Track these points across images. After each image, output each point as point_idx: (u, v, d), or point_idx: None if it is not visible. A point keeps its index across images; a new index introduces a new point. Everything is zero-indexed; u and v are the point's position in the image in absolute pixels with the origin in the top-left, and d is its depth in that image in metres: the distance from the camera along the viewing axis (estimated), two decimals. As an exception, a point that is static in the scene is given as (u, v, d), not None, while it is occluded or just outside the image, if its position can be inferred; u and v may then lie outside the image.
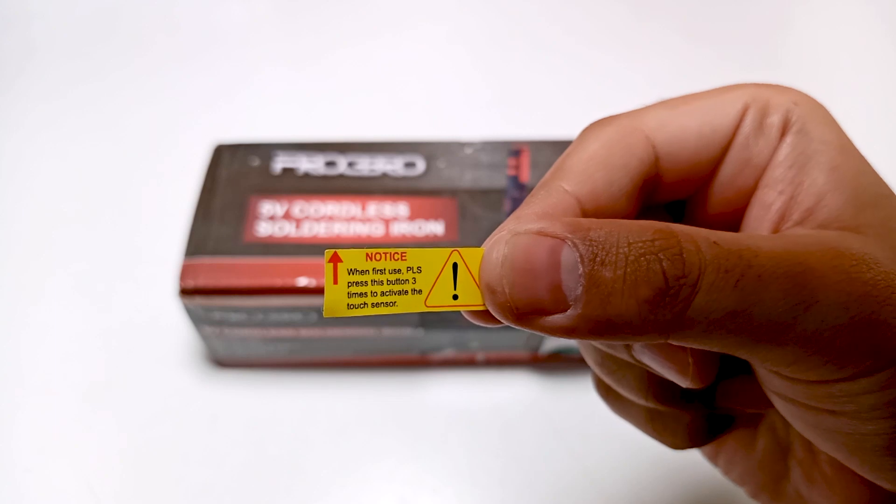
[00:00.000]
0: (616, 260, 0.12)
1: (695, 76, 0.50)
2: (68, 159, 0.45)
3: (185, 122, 0.47)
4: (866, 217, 0.15)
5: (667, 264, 0.12)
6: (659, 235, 0.13)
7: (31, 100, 0.49)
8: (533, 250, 0.13)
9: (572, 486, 0.32)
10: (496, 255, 0.14)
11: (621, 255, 0.12)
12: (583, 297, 0.13)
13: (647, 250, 0.12)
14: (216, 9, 0.56)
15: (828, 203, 0.15)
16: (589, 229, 0.13)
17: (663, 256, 0.12)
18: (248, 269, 0.29)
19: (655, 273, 0.12)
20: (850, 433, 0.14)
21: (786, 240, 0.14)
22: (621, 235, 0.13)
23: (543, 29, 0.55)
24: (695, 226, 0.14)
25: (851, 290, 0.13)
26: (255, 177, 0.32)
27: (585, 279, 0.13)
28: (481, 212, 0.31)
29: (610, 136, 0.16)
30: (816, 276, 0.13)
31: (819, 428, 0.15)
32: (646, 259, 0.12)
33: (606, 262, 0.12)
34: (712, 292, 0.12)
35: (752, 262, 0.12)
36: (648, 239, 0.13)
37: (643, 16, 0.56)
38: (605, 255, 0.12)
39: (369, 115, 0.48)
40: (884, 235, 0.14)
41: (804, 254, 0.13)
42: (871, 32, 0.55)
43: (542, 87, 0.50)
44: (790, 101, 0.17)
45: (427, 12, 0.56)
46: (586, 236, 0.13)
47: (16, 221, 0.42)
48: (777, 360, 0.13)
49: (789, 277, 0.12)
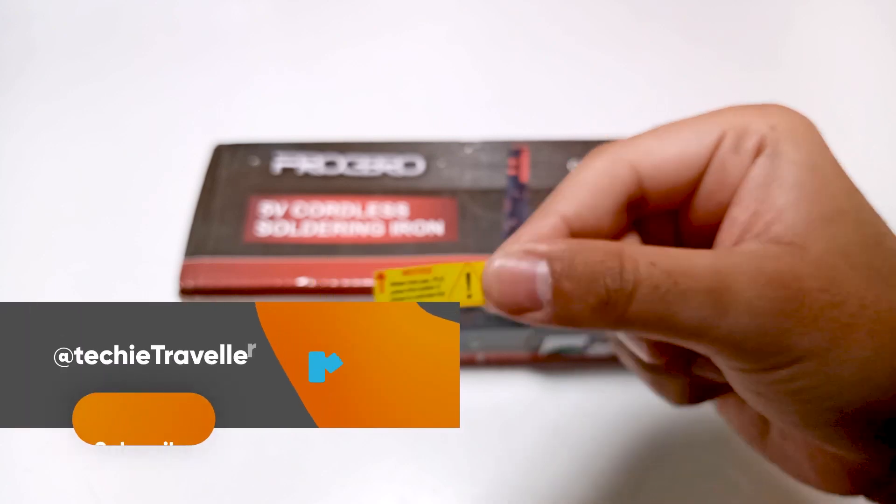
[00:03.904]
0: (574, 275, 0.17)
1: (694, 76, 0.51)
2: (68, 159, 0.45)
3: (185, 122, 0.47)
4: (816, 232, 0.17)
5: (609, 280, 0.17)
6: (607, 257, 0.17)
7: (31, 100, 0.49)
8: (516, 266, 0.18)
9: (572, 485, 0.32)
10: (490, 269, 0.18)
11: (577, 271, 0.17)
12: (551, 302, 0.17)
13: (596, 269, 0.17)
14: (216, 9, 0.56)
15: (784, 219, 0.18)
16: (559, 251, 0.17)
17: (607, 274, 0.17)
18: (248, 269, 0.29)
19: (599, 286, 0.17)
20: (778, 412, 0.18)
21: (720, 258, 0.17)
22: (580, 257, 0.17)
23: (543, 29, 0.55)
24: (683, 233, 0.19)
25: (761, 304, 0.16)
26: (255, 177, 0.32)
27: (552, 289, 0.17)
28: (481, 212, 0.31)
29: (598, 165, 0.20)
30: (732, 291, 0.16)
31: (759, 405, 0.19)
32: (594, 275, 0.17)
33: (568, 277, 0.17)
34: (643, 302, 0.16)
35: (678, 279, 0.16)
36: (598, 260, 0.17)
37: (643, 16, 0.56)
38: (568, 271, 0.17)
39: (369, 115, 0.48)
40: (826, 251, 0.17)
41: (729, 272, 0.17)
42: (871, 33, 0.55)
43: (542, 86, 0.50)
44: (767, 126, 0.19)
45: (427, 12, 0.56)
46: (555, 257, 0.17)
47: (16, 221, 0.42)
48: (705, 351, 0.17)
49: (708, 292, 0.16)
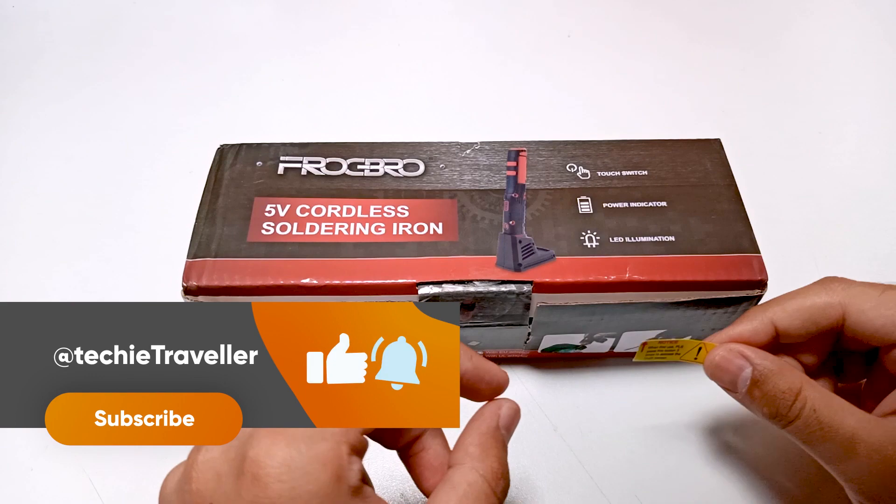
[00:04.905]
0: (762, 390, 0.25)
1: (693, 78, 0.51)
2: (73, 160, 0.45)
3: (189, 124, 0.48)
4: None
5: (781, 407, 0.25)
6: (788, 392, 0.24)
7: (36, 101, 0.50)
8: (732, 362, 0.26)
9: (572, 482, 0.32)
10: (715, 355, 0.26)
11: (765, 388, 0.25)
12: (745, 394, 0.26)
13: (777, 395, 0.25)
14: (219, 12, 0.57)
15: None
16: (762, 367, 0.25)
17: (782, 402, 0.25)
18: (252, 268, 0.29)
19: (773, 406, 0.25)
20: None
21: (863, 423, 0.24)
22: (772, 379, 0.25)
23: (542, 33, 0.55)
24: (881, 371, 0.26)
25: (873, 466, 0.23)
26: (258, 178, 0.33)
27: (749, 385, 0.25)
28: (481, 213, 0.32)
29: (818, 300, 0.26)
30: (857, 454, 0.23)
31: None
32: (774, 398, 0.25)
33: (759, 388, 0.25)
34: (796, 430, 0.24)
35: (825, 430, 0.24)
36: (782, 389, 0.25)
37: (641, 19, 0.56)
38: (760, 385, 0.25)
39: (371, 117, 0.48)
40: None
41: (863, 438, 0.23)
42: (871, 33, 0.55)
43: (541, 89, 0.51)
44: None
45: (428, 17, 0.57)
46: (758, 369, 0.25)
47: (21, 221, 0.42)
48: (837, 477, 0.25)
49: (841, 444, 0.23)
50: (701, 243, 0.31)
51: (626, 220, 0.31)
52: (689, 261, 0.30)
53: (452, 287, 0.29)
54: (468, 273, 0.30)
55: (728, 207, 0.32)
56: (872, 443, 0.23)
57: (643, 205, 0.32)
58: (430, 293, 0.29)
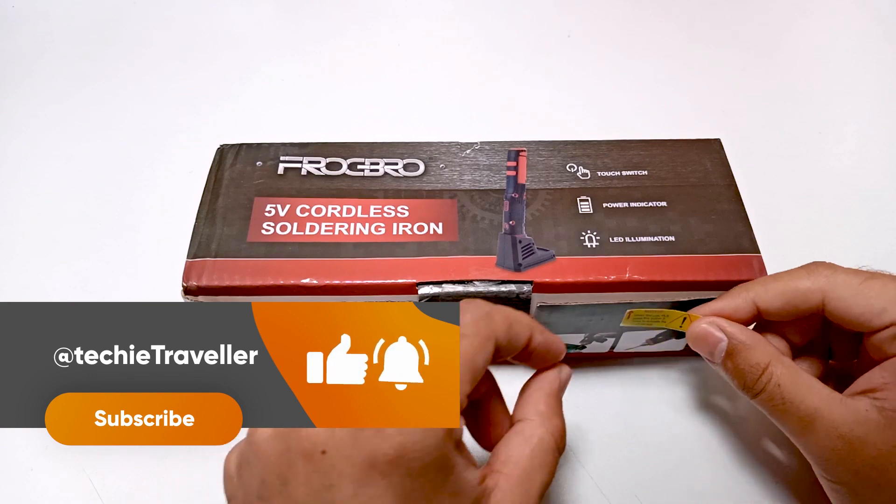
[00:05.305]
0: (734, 361, 0.27)
1: (693, 78, 0.51)
2: (73, 160, 0.46)
3: (189, 124, 0.48)
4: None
5: (748, 379, 0.26)
6: (757, 365, 0.26)
7: (36, 101, 0.50)
8: (711, 333, 0.27)
9: (572, 482, 0.32)
10: (697, 326, 0.28)
11: (737, 360, 0.27)
12: (720, 362, 0.27)
13: (745, 368, 0.26)
14: (219, 12, 0.57)
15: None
16: (738, 341, 0.27)
17: (749, 375, 0.26)
18: (252, 268, 0.29)
19: (742, 377, 0.27)
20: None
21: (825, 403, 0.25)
22: (744, 353, 0.27)
23: (542, 33, 0.55)
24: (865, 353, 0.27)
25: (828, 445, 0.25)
26: (258, 178, 0.33)
27: (724, 356, 0.27)
28: (481, 213, 0.32)
29: (800, 285, 0.27)
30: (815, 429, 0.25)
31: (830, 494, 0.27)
32: (743, 371, 0.27)
33: (731, 359, 0.27)
34: (762, 402, 0.26)
35: (787, 405, 0.25)
36: (751, 363, 0.26)
37: (641, 19, 0.56)
38: (733, 356, 0.27)
39: (371, 117, 0.48)
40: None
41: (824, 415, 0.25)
42: (871, 33, 0.55)
43: (541, 89, 0.51)
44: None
45: (428, 17, 0.57)
46: (733, 341, 0.27)
47: (21, 221, 0.42)
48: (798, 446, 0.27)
49: (799, 421, 0.25)
50: (701, 243, 0.31)
51: (626, 220, 0.31)
52: (690, 261, 0.30)
53: (452, 287, 0.29)
54: (468, 273, 0.30)
55: (728, 207, 0.32)
56: (831, 421, 0.24)
57: (643, 205, 0.32)
58: (430, 293, 0.29)
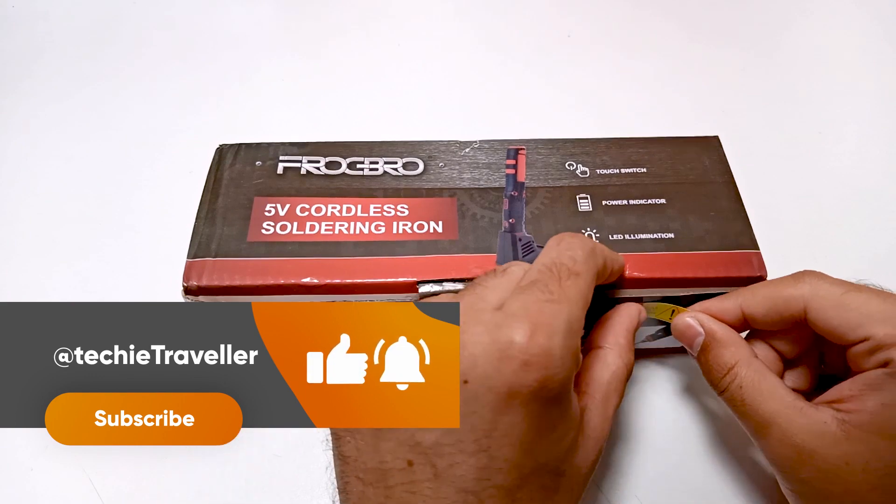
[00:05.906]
0: (706, 357, 0.28)
1: (693, 78, 0.51)
2: (73, 159, 0.46)
3: (188, 123, 0.48)
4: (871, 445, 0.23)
5: (714, 376, 0.27)
6: (726, 365, 0.27)
7: (36, 101, 0.50)
8: (693, 327, 0.28)
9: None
10: (682, 318, 0.29)
11: (708, 356, 0.28)
12: (698, 355, 0.28)
13: (714, 365, 0.27)
14: (218, 11, 0.57)
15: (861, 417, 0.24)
16: (717, 337, 0.28)
17: (716, 372, 0.27)
18: (252, 268, 0.29)
19: (710, 373, 0.28)
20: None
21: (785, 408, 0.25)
22: (717, 350, 0.27)
23: (542, 33, 0.55)
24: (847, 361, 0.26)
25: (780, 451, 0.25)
26: (258, 177, 0.33)
27: (700, 350, 0.28)
28: (480, 211, 0.32)
29: (784, 292, 0.27)
30: (770, 434, 0.25)
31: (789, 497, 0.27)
32: (712, 367, 0.28)
33: (704, 354, 0.28)
34: (727, 400, 0.27)
35: (746, 407, 0.26)
36: (721, 362, 0.27)
37: (641, 19, 0.56)
38: (706, 351, 0.28)
39: (370, 116, 0.48)
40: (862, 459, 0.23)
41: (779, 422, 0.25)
42: (871, 33, 0.55)
43: (541, 89, 0.51)
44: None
45: (428, 17, 0.57)
46: (711, 337, 0.28)
47: (21, 221, 0.42)
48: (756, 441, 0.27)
49: (756, 426, 0.26)
50: (700, 240, 0.31)
51: (626, 217, 0.31)
52: (689, 258, 0.30)
53: (453, 285, 0.29)
54: (468, 271, 0.30)
55: (727, 204, 0.32)
56: (787, 429, 0.25)
57: (642, 202, 0.32)
58: (430, 291, 0.29)
